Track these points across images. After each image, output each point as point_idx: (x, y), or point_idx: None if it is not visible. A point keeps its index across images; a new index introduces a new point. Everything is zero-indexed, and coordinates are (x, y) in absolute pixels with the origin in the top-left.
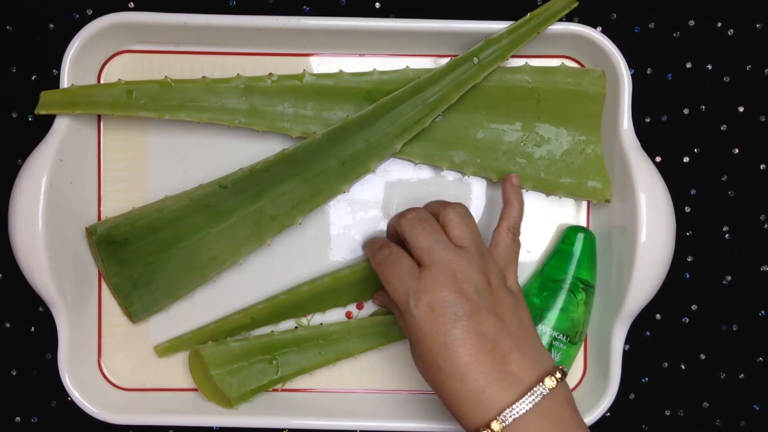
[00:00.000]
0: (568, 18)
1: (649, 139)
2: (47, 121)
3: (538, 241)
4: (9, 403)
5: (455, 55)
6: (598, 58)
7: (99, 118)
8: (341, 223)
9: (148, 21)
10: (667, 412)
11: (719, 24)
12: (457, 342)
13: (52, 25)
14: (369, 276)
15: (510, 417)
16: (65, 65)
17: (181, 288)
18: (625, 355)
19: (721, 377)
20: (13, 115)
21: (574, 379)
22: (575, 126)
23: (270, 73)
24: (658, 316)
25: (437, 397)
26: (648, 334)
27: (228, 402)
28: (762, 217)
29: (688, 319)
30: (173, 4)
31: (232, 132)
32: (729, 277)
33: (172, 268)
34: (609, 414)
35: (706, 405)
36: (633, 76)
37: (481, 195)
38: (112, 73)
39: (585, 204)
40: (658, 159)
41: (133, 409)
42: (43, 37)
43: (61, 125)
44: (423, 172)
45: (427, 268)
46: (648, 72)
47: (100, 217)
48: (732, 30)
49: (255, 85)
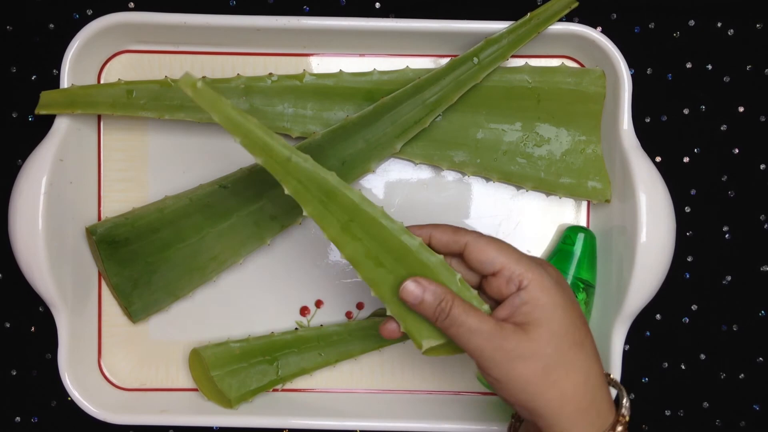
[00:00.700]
0: (568, 18)
1: (649, 139)
2: (47, 121)
3: (539, 241)
4: (9, 403)
5: (455, 55)
6: (598, 58)
7: (99, 118)
8: None
9: (148, 21)
10: (667, 412)
11: (719, 24)
12: (586, 318)
13: (52, 25)
14: (407, 255)
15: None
16: (65, 65)
17: (181, 288)
18: (625, 355)
19: (721, 377)
20: (13, 115)
21: None
22: (575, 126)
23: (270, 73)
24: (658, 316)
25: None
26: (648, 334)
27: (228, 402)
28: (762, 217)
29: (688, 319)
30: (173, 4)
31: None
32: (729, 277)
33: (172, 268)
34: None
35: (706, 405)
36: (633, 76)
37: (481, 195)
38: (112, 73)
39: (585, 204)
40: (658, 159)
41: (133, 409)
42: (43, 37)
43: (61, 125)
44: (423, 172)
45: (524, 256)
46: (648, 72)
47: (100, 217)
48: (732, 30)
49: (255, 85)
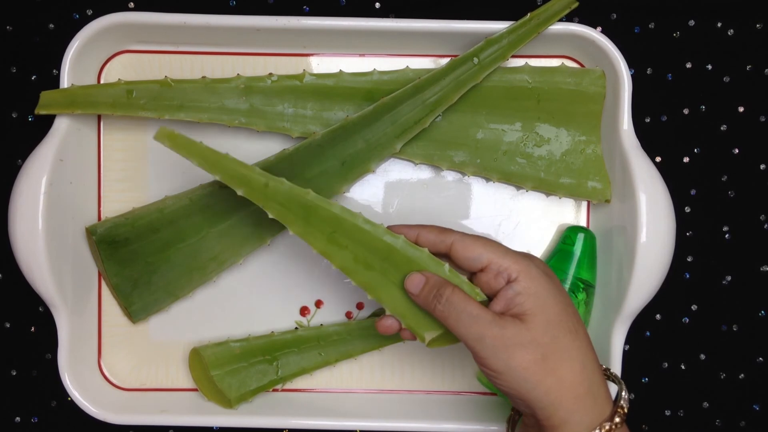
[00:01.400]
0: (568, 18)
1: (649, 139)
2: (47, 121)
3: (539, 241)
4: (9, 403)
5: (455, 55)
6: (598, 58)
7: (99, 118)
8: None
9: (148, 21)
10: (667, 412)
11: (719, 24)
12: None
13: (52, 25)
14: (395, 255)
15: (626, 404)
16: (65, 65)
17: (181, 288)
18: (625, 355)
19: (721, 377)
20: (13, 115)
21: None
22: (575, 126)
23: (270, 73)
24: (658, 316)
25: (434, 397)
26: (648, 334)
27: (228, 402)
28: (762, 217)
29: (688, 319)
30: (173, 4)
31: (232, 132)
32: (729, 277)
33: (172, 268)
34: None
35: (706, 405)
36: (633, 76)
37: (481, 195)
38: (112, 73)
39: (585, 204)
40: (658, 159)
41: (133, 409)
42: (43, 37)
43: (61, 125)
44: (423, 172)
45: (508, 250)
46: (648, 72)
47: (100, 217)
48: (732, 30)
49: (255, 85)
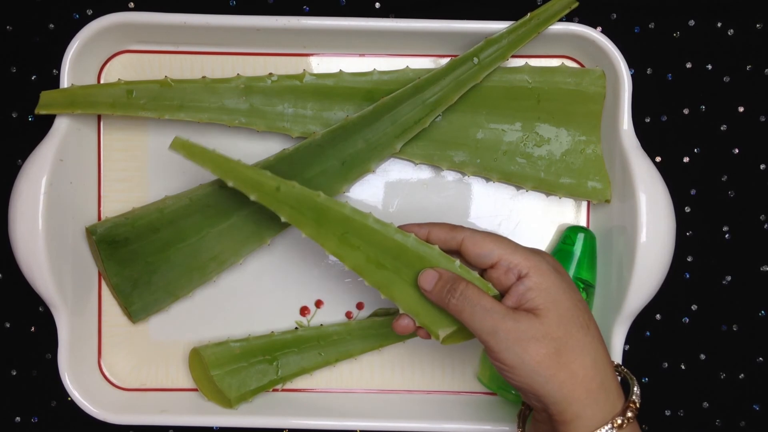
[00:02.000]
0: (568, 18)
1: (649, 139)
2: (47, 121)
3: (539, 241)
4: (9, 403)
5: (455, 55)
6: (598, 58)
7: (99, 118)
8: None
9: (148, 21)
10: (667, 412)
11: (719, 24)
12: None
13: (52, 25)
14: (406, 254)
15: (638, 401)
16: (65, 65)
17: (181, 288)
18: (625, 355)
19: (721, 377)
20: (13, 115)
21: None
22: (575, 126)
23: (270, 73)
24: (658, 316)
25: (434, 397)
26: (648, 334)
27: (228, 402)
28: (762, 217)
29: (688, 319)
30: (173, 4)
31: (232, 132)
32: (729, 277)
33: (172, 268)
34: None
35: (706, 405)
36: (633, 76)
37: (481, 195)
38: (112, 73)
39: (585, 204)
40: (658, 159)
41: (133, 409)
42: (43, 37)
43: (61, 125)
44: (423, 172)
45: (517, 246)
46: (648, 72)
47: (100, 217)
48: (732, 30)
49: (255, 85)
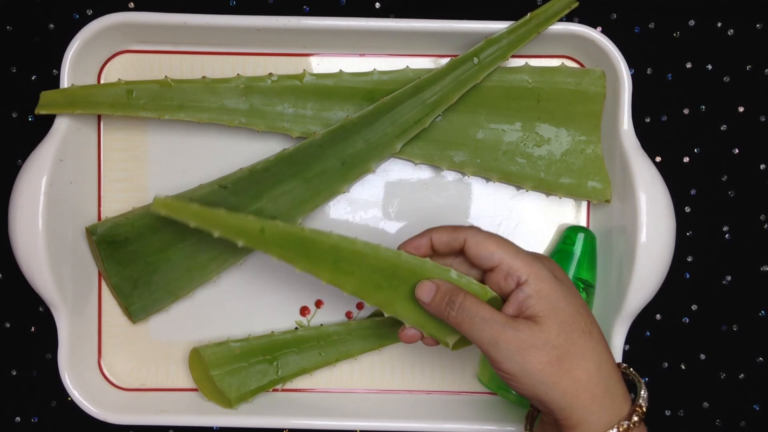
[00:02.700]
0: (568, 18)
1: (649, 139)
2: (47, 121)
3: (539, 241)
4: (9, 403)
5: (455, 55)
6: (598, 58)
7: (99, 118)
8: (341, 223)
9: (148, 21)
10: (667, 412)
11: (719, 24)
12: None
13: (52, 25)
14: (398, 269)
15: (644, 404)
16: (65, 65)
17: (181, 288)
18: (625, 355)
19: (721, 377)
20: (13, 115)
21: None
22: (575, 126)
23: (270, 73)
24: (658, 316)
25: (434, 397)
26: (648, 334)
27: (228, 402)
28: (762, 217)
29: (688, 319)
30: (173, 4)
31: (232, 132)
32: (729, 277)
33: (172, 268)
34: None
35: (706, 405)
36: (633, 76)
37: (481, 195)
38: (112, 73)
39: (585, 204)
40: (658, 159)
41: (133, 409)
42: (43, 37)
43: (61, 125)
44: (423, 172)
45: (522, 252)
46: (648, 72)
47: (100, 217)
48: (732, 30)
49: (255, 85)
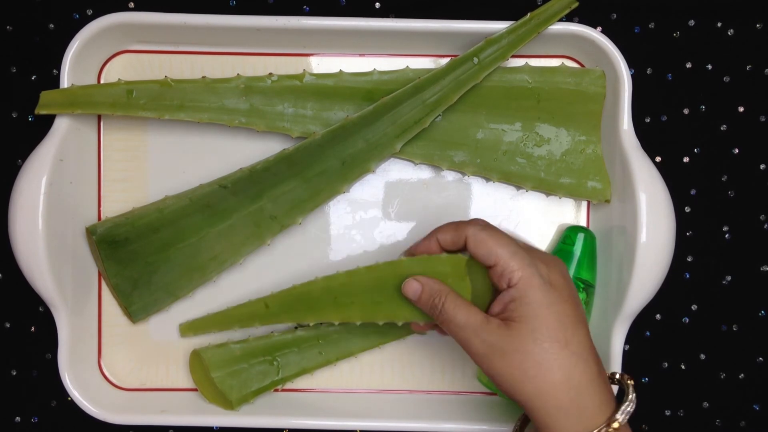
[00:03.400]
0: (568, 18)
1: (649, 139)
2: (47, 121)
3: (538, 241)
4: (9, 403)
5: (455, 55)
6: (598, 58)
7: (99, 118)
8: (341, 223)
9: (148, 21)
10: (667, 412)
11: (719, 24)
12: (582, 318)
13: (52, 25)
14: (386, 280)
15: (622, 416)
16: (65, 65)
17: (181, 288)
18: (625, 355)
19: (721, 377)
20: (13, 115)
21: None
22: (575, 126)
23: (270, 73)
24: (658, 316)
25: (434, 397)
26: (648, 334)
27: (229, 403)
28: (762, 217)
29: (688, 319)
30: (173, 4)
31: (232, 132)
32: (729, 277)
33: (172, 268)
34: None
35: (706, 405)
36: (633, 76)
37: (481, 195)
38: (112, 73)
39: (585, 204)
40: (658, 159)
41: (133, 409)
42: (43, 37)
43: (61, 125)
44: (423, 172)
45: (523, 249)
46: (648, 72)
47: (100, 217)
48: (732, 30)
49: (255, 85)
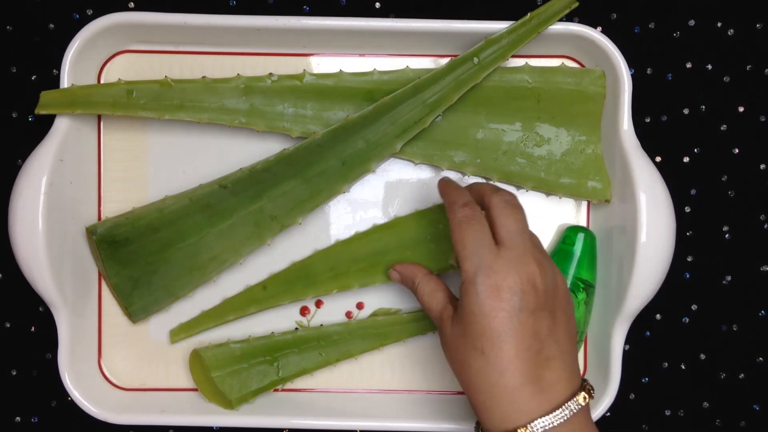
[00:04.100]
0: (568, 18)
1: (649, 139)
2: (47, 121)
3: None
4: (9, 403)
5: (455, 55)
6: (598, 58)
7: (99, 118)
8: (341, 223)
9: (148, 21)
10: (667, 412)
11: (719, 24)
12: (510, 333)
13: (52, 25)
14: (383, 241)
15: (539, 428)
16: (65, 65)
17: (181, 288)
18: (625, 355)
19: (721, 377)
20: (13, 115)
21: None
22: (575, 126)
23: (270, 73)
24: (658, 316)
25: (434, 397)
26: (648, 334)
27: (229, 403)
28: (762, 217)
29: (688, 319)
30: (173, 4)
31: (232, 132)
32: (729, 277)
33: (172, 268)
34: (609, 414)
35: (706, 405)
36: (633, 76)
37: None
38: (112, 73)
39: (585, 204)
40: (658, 159)
41: (133, 409)
42: (43, 37)
43: (61, 125)
44: (423, 172)
45: (507, 249)
46: (648, 72)
47: (100, 217)
48: (732, 30)
49: (255, 85)
